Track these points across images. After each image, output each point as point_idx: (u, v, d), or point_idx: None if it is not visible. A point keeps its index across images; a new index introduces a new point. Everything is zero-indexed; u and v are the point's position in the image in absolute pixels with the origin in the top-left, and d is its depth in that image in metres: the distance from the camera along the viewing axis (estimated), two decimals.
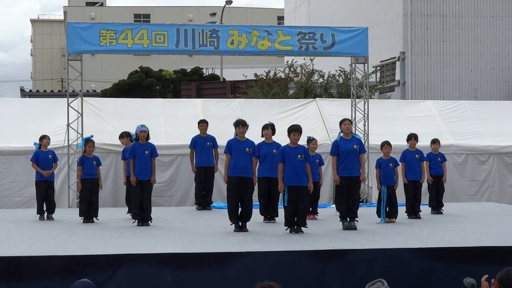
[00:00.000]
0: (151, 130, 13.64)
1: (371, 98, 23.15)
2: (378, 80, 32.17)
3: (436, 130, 19.62)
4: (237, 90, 32.04)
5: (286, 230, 11.65)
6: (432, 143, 15.67)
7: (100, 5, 73.18)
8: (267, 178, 13.28)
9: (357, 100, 18.94)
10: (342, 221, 12.24)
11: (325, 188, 16.96)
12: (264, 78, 28.91)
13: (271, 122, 13.79)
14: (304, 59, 29.36)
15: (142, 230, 12.41)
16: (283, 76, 29.13)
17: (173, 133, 18.81)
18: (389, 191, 13.64)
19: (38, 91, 47.45)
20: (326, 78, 28.27)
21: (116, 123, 18.36)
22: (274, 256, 9.45)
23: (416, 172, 14.54)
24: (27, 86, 59.12)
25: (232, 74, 40.51)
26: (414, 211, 14.39)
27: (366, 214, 13.80)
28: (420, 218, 14.28)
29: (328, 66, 28.16)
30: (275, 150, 12.93)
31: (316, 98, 22.21)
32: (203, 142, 16.28)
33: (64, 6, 72.07)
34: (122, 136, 15.26)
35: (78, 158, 14.74)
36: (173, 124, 19.28)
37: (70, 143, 17.40)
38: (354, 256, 9.57)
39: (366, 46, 18.00)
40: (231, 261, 9.29)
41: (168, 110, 20.17)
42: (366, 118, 18.68)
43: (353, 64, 18.55)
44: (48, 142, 14.78)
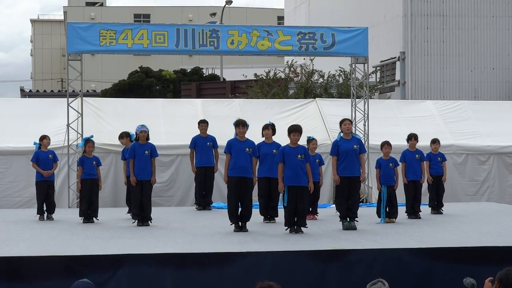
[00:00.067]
0: (151, 130, 13.64)
1: (371, 98, 23.14)
2: (378, 80, 32.15)
3: (436, 130, 19.62)
4: (237, 90, 32.01)
5: (286, 230, 11.65)
6: (432, 143, 15.67)
7: (100, 5, 73.16)
8: (267, 178, 13.28)
9: (357, 100, 18.94)
10: (342, 221, 12.24)
11: (325, 188, 16.94)
12: (264, 78, 28.89)
13: (272, 122, 13.79)
14: (304, 59, 29.34)
15: (142, 230, 12.40)
16: (283, 76, 29.11)
17: (173, 133, 18.80)
18: (389, 191, 13.63)
19: (38, 91, 47.48)
20: (326, 78, 28.25)
21: (116, 123, 18.35)
22: (274, 256, 9.45)
23: (416, 172, 14.54)
24: (27, 86, 59.24)
25: (232, 74, 40.49)
26: (414, 211, 14.39)
27: (366, 214, 13.79)
28: (420, 218, 14.27)
29: (328, 66, 28.14)
30: (275, 150, 12.92)
31: (316, 98, 22.20)
32: (203, 142, 16.27)
33: (64, 6, 72.08)
34: (122, 136, 15.25)
35: (78, 158, 14.75)
36: (173, 124, 19.27)
37: (70, 143, 17.40)
38: (354, 256, 9.56)
39: (366, 46, 18.00)
40: (231, 261, 9.29)
41: (168, 110, 20.17)
42: (366, 118, 18.68)
43: (353, 64, 18.55)
44: (48, 143, 14.78)
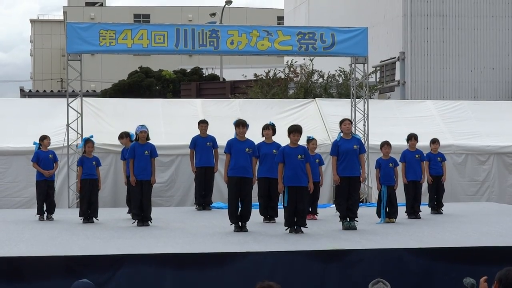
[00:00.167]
0: (151, 130, 13.64)
1: (371, 98, 23.14)
2: (378, 80, 32.15)
3: (436, 130, 19.61)
4: (237, 90, 32.01)
5: (286, 230, 11.65)
6: (431, 143, 15.67)
7: (100, 5, 73.15)
8: (267, 178, 13.27)
9: (357, 100, 18.93)
10: (342, 221, 12.24)
11: (325, 188, 16.94)
12: (264, 78, 28.89)
13: (272, 122, 13.79)
14: (304, 59, 29.33)
15: (142, 230, 12.40)
16: (282, 76, 29.11)
17: (173, 133, 18.80)
18: (389, 191, 13.63)
19: (38, 91, 47.46)
20: (326, 78, 28.25)
21: (116, 123, 18.34)
22: (274, 256, 9.45)
23: (416, 172, 14.54)
24: (27, 86, 59.18)
25: (232, 74, 40.48)
26: (414, 211, 14.39)
27: (366, 214, 13.79)
28: (420, 218, 14.27)
29: (328, 66, 28.14)
30: (275, 151, 12.92)
31: (316, 98, 22.20)
32: (203, 142, 16.27)
33: (63, 6, 72.10)
34: (122, 137, 15.24)
35: (77, 159, 14.75)
36: (173, 124, 19.27)
37: (69, 143, 17.39)
38: (354, 256, 9.57)
39: (366, 46, 18.00)
40: (231, 261, 9.29)
41: (168, 110, 20.16)
42: (366, 118, 18.68)
43: (352, 64, 18.54)
44: (49, 143, 14.78)
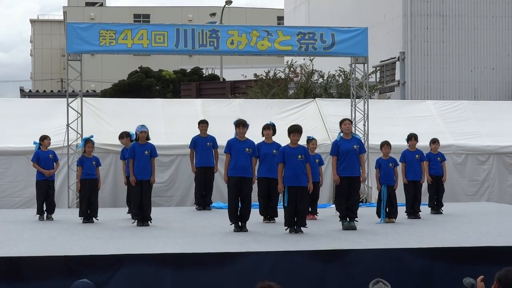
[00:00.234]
0: (151, 130, 13.64)
1: (371, 98, 23.14)
2: (378, 80, 32.15)
3: (436, 130, 19.61)
4: (236, 90, 32.01)
5: (286, 230, 11.65)
6: (431, 143, 15.66)
7: (100, 5, 73.14)
8: (267, 178, 13.27)
9: (357, 100, 18.93)
10: (341, 221, 12.24)
11: (325, 188, 16.94)
12: (264, 78, 28.89)
13: (272, 123, 13.79)
14: (304, 59, 29.33)
15: (142, 230, 12.40)
16: (282, 76, 29.11)
17: (173, 133, 18.80)
18: (389, 191, 13.63)
19: (38, 91, 47.44)
20: (326, 78, 28.25)
21: (116, 123, 18.34)
22: (274, 256, 9.45)
23: (416, 172, 14.54)
24: (27, 86, 59.15)
25: (231, 74, 40.47)
26: (414, 211, 14.39)
27: (366, 214, 13.79)
28: (420, 218, 14.27)
29: (328, 66, 28.14)
30: (275, 151, 12.92)
31: (316, 98, 22.20)
32: (203, 142, 16.27)
33: (63, 6, 72.08)
34: (122, 136, 15.24)
35: (77, 159, 14.74)
36: (173, 124, 19.27)
37: (69, 143, 17.39)
38: (354, 256, 9.56)
39: (366, 46, 18.00)
40: (231, 261, 9.29)
41: (168, 110, 20.16)
42: (366, 118, 18.68)
43: (353, 64, 18.54)
44: (49, 143, 14.78)
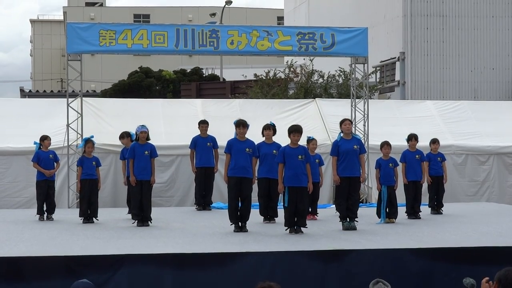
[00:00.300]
0: (151, 130, 13.63)
1: (371, 99, 23.13)
2: (378, 80, 32.15)
3: (436, 130, 19.61)
4: (237, 90, 32.01)
5: (286, 230, 11.65)
6: (431, 143, 15.66)
7: (100, 5, 73.15)
8: (267, 179, 13.27)
9: (357, 100, 18.93)
10: (342, 221, 12.24)
11: (325, 189, 16.94)
12: (264, 78, 28.89)
13: (273, 123, 13.79)
14: (304, 59, 29.32)
15: (142, 230, 12.40)
16: (283, 76, 29.11)
17: (173, 133, 18.80)
18: (389, 191, 13.63)
19: (38, 91, 47.44)
20: (326, 78, 28.25)
21: (116, 123, 18.34)
22: (274, 256, 9.45)
23: (416, 173, 14.54)
24: (27, 87, 59.15)
25: (232, 74, 40.47)
26: (414, 212, 14.38)
27: (366, 214, 13.79)
28: (420, 218, 14.27)
29: (328, 66, 28.14)
30: (275, 151, 12.92)
31: (316, 98, 22.20)
32: (203, 143, 16.27)
33: (63, 6, 72.09)
34: (123, 136, 15.23)
35: (78, 159, 14.74)
36: (173, 124, 19.27)
37: (69, 144, 17.39)
38: (354, 257, 9.56)
39: (366, 46, 18.00)
40: (231, 261, 9.29)
41: (168, 110, 20.16)
42: (366, 118, 18.68)
43: (353, 64, 18.54)
44: (49, 143, 14.78)
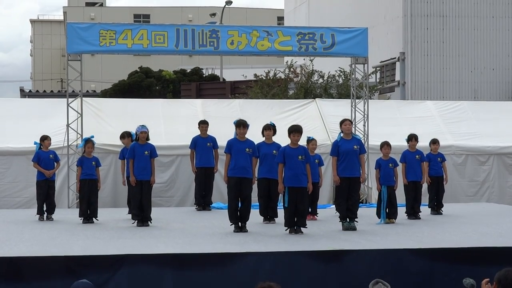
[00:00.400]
0: (151, 131, 13.64)
1: (371, 99, 23.13)
2: (378, 80, 32.16)
3: (436, 130, 19.61)
4: (237, 90, 32.02)
5: (286, 230, 11.65)
6: (431, 144, 15.66)
7: (100, 5, 73.16)
8: (267, 179, 13.26)
9: (357, 100, 18.93)
10: (341, 221, 12.24)
11: (324, 189, 16.94)
12: (264, 78, 28.89)
13: (273, 123, 13.79)
14: (304, 59, 29.33)
15: (142, 230, 12.40)
16: (283, 76, 29.11)
17: (173, 133, 18.80)
18: (389, 192, 13.63)
19: (38, 91, 47.44)
20: (326, 78, 28.26)
21: (116, 123, 18.34)
22: (274, 257, 9.45)
23: (416, 173, 14.54)
24: (27, 87, 59.14)
25: (232, 74, 40.47)
26: (414, 212, 14.39)
27: (366, 214, 13.78)
28: (420, 218, 14.27)
29: (328, 66, 28.14)
30: (275, 151, 12.91)
31: (316, 99, 22.20)
32: (204, 143, 16.27)
33: (63, 7, 72.11)
34: (123, 136, 15.23)
35: (77, 159, 14.74)
36: (173, 125, 19.27)
37: (69, 144, 17.39)
38: (354, 257, 9.57)
39: (366, 47, 17.99)
40: (231, 261, 9.29)
41: (168, 110, 20.16)
42: (366, 119, 18.67)
43: (353, 65, 18.53)
44: (49, 144, 14.78)
